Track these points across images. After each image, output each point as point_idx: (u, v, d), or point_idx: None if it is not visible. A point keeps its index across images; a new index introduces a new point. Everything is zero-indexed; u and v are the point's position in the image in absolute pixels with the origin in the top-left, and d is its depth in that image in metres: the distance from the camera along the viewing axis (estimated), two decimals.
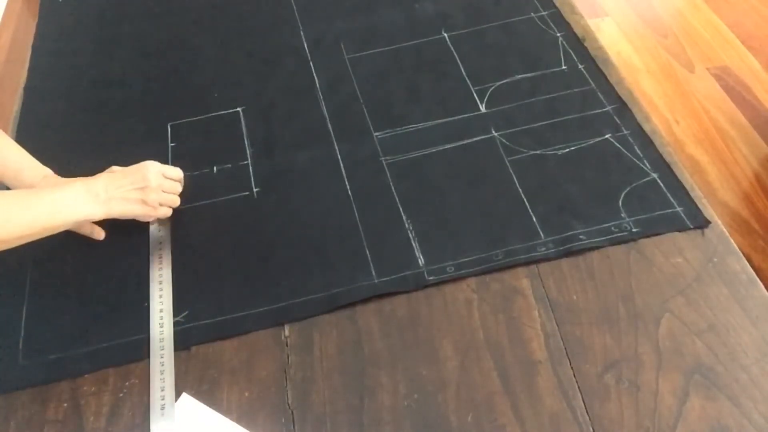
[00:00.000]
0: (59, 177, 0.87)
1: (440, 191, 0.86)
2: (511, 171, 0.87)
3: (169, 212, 0.85)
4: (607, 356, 0.70)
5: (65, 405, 0.71)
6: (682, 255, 0.77)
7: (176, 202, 0.86)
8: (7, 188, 0.85)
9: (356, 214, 0.84)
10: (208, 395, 0.70)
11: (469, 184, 0.86)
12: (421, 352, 0.72)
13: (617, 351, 0.70)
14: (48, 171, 0.87)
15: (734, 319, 0.71)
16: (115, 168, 0.88)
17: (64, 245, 0.85)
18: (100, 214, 0.79)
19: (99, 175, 0.83)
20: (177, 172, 0.87)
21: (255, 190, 0.89)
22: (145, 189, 0.81)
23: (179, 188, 0.87)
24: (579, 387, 0.68)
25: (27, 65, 1.12)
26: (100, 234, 0.85)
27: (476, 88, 0.98)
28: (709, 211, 0.80)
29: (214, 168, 0.92)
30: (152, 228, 0.85)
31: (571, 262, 0.77)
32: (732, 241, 0.78)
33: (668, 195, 0.82)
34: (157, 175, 0.83)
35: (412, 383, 0.69)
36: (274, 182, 0.89)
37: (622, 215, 0.81)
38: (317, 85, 1.02)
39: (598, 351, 0.70)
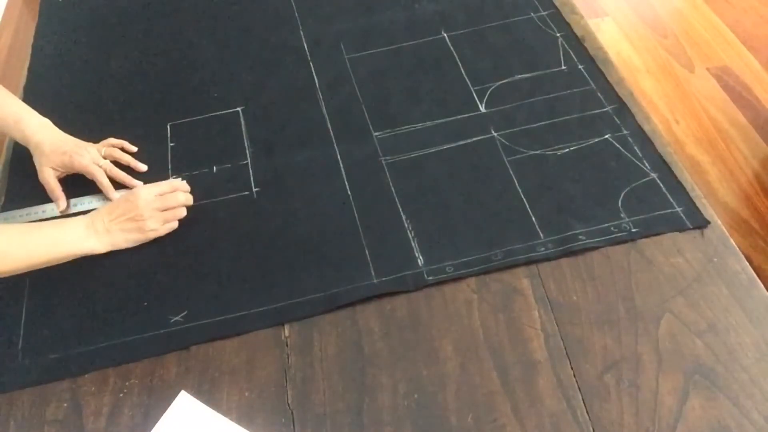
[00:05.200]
0: (58, 129, 0.92)
1: (440, 191, 0.86)
2: (510, 171, 0.87)
3: (174, 225, 0.85)
4: (607, 356, 0.70)
5: (65, 405, 0.71)
6: (682, 255, 0.77)
7: (179, 215, 0.85)
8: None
9: (356, 214, 0.84)
10: (208, 395, 0.70)
11: (468, 184, 0.86)
12: (421, 352, 0.72)
13: (617, 351, 0.70)
14: (47, 121, 0.92)
15: (734, 319, 0.71)
16: (112, 140, 0.94)
17: None
18: (105, 245, 0.81)
19: (97, 209, 0.84)
20: (169, 185, 0.87)
21: (254, 189, 0.89)
22: (138, 218, 0.82)
23: (181, 198, 0.86)
24: (579, 387, 0.68)
25: (27, 65, 1.13)
26: (63, 203, 0.88)
27: (476, 88, 0.98)
28: (708, 211, 0.80)
29: (214, 168, 0.92)
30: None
31: (571, 262, 0.77)
32: (732, 241, 0.78)
33: (668, 195, 0.82)
34: (146, 202, 0.83)
35: (412, 383, 0.69)
36: (274, 182, 0.89)
37: (622, 215, 0.81)
38: (317, 85, 1.02)
39: (598, 351, 0.70)
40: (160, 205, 0.83)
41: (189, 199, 0.87)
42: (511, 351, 0.71)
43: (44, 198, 0.90)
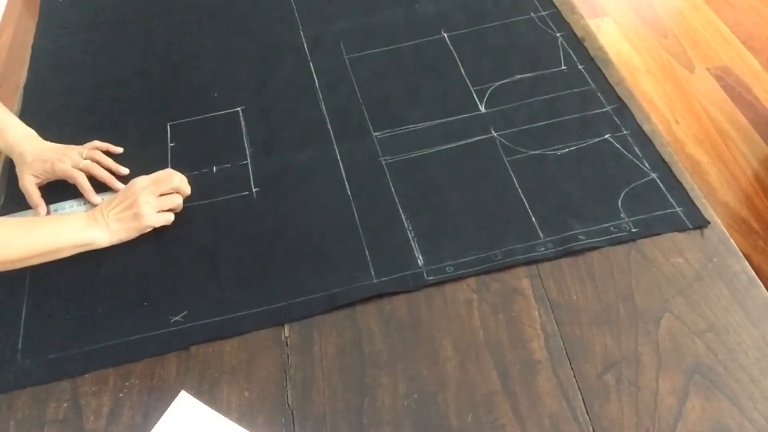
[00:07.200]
0: (42, 139, 0.92)
1: (440, 191, 0.86)
2: (510, 171, 0.87)
3: (170, 217, 0.85)
4: (607, 356, 0.70)
5: (65, 405, 0.71)
6: (682, 255, 0.77)
7: (175, 201, 0.85)
8: None
9: (355, 214, 0.84)
10: (208, 395, 0.70)
11: (468, 184, 0.86)
12: (421, 352, 0.72)
13: (617, 351, 0.70)
14: (32, 132, 0.93)
15: (734, 319, 0.71)
16: (96, 143, 0.95)
17: None
18: (106, 237, 0.82)
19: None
20: (165, 173, 0.87)
21: (254, 189, 0.89)
22: (134, 204, 0.82)
23: (176, 181, 0.86)
24: (579, 387, 0.68)
25: (27, 65, 1.13)
26: (42, 209, 0.88)
27: (476, 88, 0.98)
28: (708, 211, 0.80)
29: (214, 168, 0.92)
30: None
31: (571, 262, 0.77)
32: (732, 241, 0.78)
33: (668, 195, 0.82)
34: (142, 188, 0.83)
35: (412, 383, 0.69)
36: (274, 182, 0.89)
37: (622, 215, 0.81)
38: (317, 85, 1.02)
39: (598, 351, 0.70)
40: (155, 189, 0.84)
41: (184, 182, 0.87)
42: (511, 351, 0.71)
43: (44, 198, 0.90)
